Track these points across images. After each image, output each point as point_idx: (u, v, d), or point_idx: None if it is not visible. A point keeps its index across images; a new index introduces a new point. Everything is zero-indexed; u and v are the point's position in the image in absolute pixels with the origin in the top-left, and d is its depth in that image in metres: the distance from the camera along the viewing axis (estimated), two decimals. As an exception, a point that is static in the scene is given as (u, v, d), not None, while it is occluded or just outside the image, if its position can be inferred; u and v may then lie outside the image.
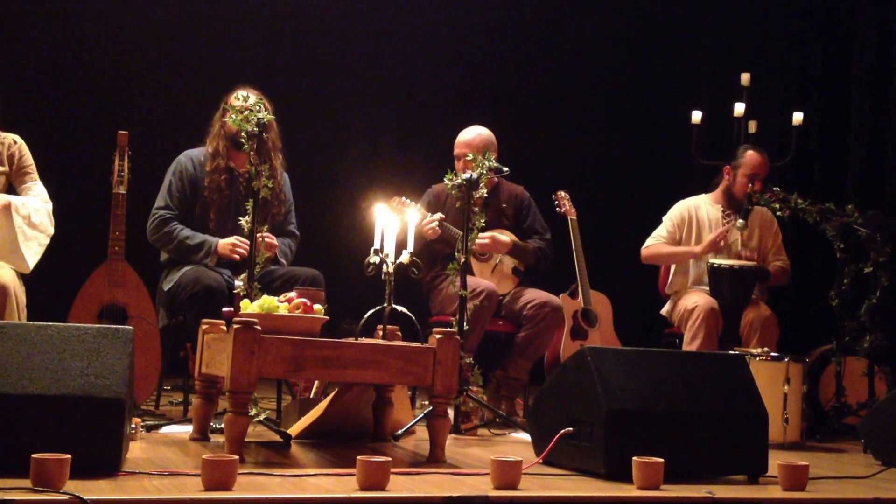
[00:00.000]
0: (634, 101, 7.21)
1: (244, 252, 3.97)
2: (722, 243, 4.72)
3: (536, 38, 7.25)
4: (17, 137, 3.79)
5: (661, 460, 2.65)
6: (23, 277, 3.65)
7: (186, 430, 3.43)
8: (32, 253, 3.64)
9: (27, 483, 2.18)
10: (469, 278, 4.01)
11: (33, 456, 2.21)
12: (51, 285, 4.12)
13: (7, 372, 2.46)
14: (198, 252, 4.04)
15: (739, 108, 5.83)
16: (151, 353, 3.96)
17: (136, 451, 2.92)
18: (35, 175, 3.80)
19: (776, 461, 2.85)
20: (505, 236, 4.64)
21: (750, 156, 4.76)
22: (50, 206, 3.77)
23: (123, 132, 4.12)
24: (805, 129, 5.90)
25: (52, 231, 3.75)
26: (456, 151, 4.63)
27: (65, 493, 2.13)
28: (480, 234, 4.21)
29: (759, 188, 4.64)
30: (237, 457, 2.39)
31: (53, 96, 6.03)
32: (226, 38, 6.43)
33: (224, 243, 4.03)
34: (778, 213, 4.47)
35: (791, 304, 5.99)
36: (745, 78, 5.94)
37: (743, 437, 2.98)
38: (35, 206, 3.70)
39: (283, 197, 4.25)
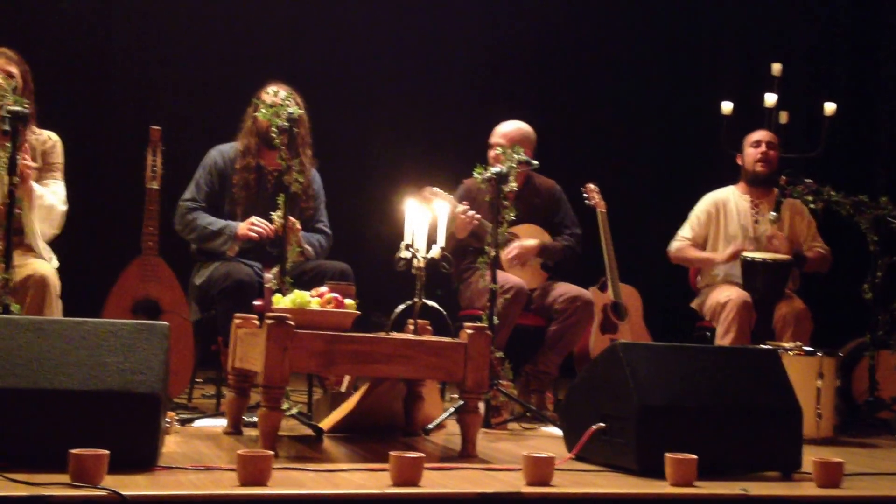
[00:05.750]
0: (664, 92, 7.16)
1: (261, 230, 4.00)
2: (752, 234, 4.73)
3: (565, 30, 7.20)
4: (53, 135, 3.80)
5: (695, 457, 2.64)
6: (58, 271, 3.67)
7: (219, 423, 3.46)
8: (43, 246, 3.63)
9: (66, 478, 2.21)
10: (498, 274, 4.00)
11: (71, 451, 2.23)
12: (85, 280, 4.15)
13: (45, 367, 2.49)
14: (219, 237, 4.07)
15: (770, 99, 5.78)
16: (184, 346, 3.99)
17: (171, 445, 2.95)
18: (59, 175, 3.75)
19: (810, 457, 2.83)
20: (532, 240, 4.61)
21: (748, 135, 4.96)
22: (65, 208, 3.70)
23: (156, 127, 4.14)
24: (837, 120, 5.83)
25: (57, 233, 3.69)
26: (491, 140, 4.60)
27: (103, 488, 2.16)
28: (506, 249, 4.24)
29: (775, 157, 4.83)
30: (272, 452, 2.41)
31: (86, 92, 6.06)
32: (255, 31, 6.44)
33: (242, 225, 4.06)
34: (811, 206, 4.45)
35: (824, 298, 5.92)
36: (775, 68, 5.88)
37: (777, 433, 2.96)
38: (51, 203, 3.64)
39: (312, 192, 4.26)
